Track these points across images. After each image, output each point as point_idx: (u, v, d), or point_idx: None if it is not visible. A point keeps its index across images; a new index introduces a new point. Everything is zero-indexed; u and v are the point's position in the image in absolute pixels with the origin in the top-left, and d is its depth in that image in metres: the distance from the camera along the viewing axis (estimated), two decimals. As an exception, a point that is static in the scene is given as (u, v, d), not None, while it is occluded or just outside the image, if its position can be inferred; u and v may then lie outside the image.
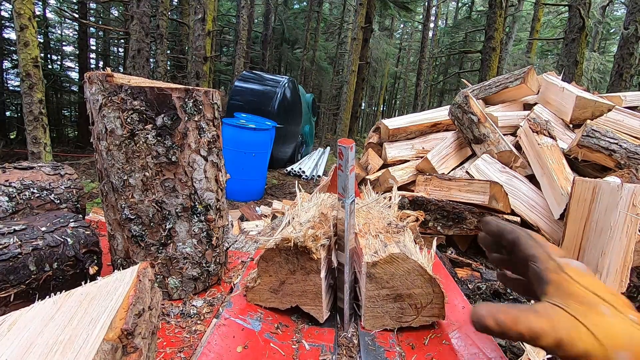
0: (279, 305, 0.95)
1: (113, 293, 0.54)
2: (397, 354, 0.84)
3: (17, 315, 0.52)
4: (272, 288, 0.95)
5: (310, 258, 0.90)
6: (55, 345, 0.46)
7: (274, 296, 0.95)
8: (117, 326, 0.49)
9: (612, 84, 7.68)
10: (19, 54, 5.20)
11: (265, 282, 0.95)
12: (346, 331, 0.94)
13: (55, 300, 0.55)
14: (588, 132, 2.05)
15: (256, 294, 0.96)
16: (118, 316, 0.50)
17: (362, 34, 11.73)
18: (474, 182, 2.01)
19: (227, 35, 20.30)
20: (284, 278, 0.93)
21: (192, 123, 0.92)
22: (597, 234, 1.55)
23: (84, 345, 0.45)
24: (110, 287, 0.56)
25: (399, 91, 33.45)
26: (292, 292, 0.94)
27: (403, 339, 0.90)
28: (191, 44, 8.80)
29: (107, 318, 0.49)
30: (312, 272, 0.90)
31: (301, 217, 1.08)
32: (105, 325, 0.48)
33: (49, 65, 14.97)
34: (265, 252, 0.92)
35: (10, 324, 0.51)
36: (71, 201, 1.20)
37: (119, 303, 0.52)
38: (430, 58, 19.90)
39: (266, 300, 0.96)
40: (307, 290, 0.92)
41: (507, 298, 1.39)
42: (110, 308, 0.51)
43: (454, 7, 26.27)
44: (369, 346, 0.86)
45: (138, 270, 0.59)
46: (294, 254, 0.91)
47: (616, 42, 12.17)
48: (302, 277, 0.92)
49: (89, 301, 0.54)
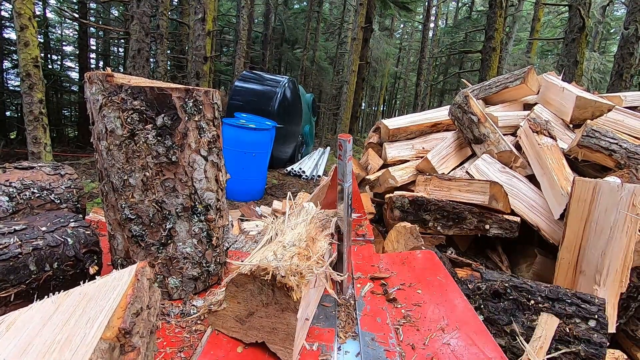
0: (243, 337, 0.81)
1: (111, 292, 0.54)
2: (397, 354, 0.84)
3: (16, 315, 0.52)
4: (239, 317, 0.80)
5: (288, 295, 0.75)
6: (53, 344, 0.46)
7: (239, 326, 0.81)
8: (114, 325, 0.48)
9: (612, 84, 7.67)
10: (19, 54, 5.20)
11: (231, 309, 0.80)
12: (345, 294, 1.10)
13: (54, 300, 0.55)
14: (588, 132, 2.05)
15: (219, 319, 0.81)
16: (116, 315, 0.50)
17: (362, 34, 11.73)
18: (474, 182, 2.01)
19: (227, 35, 20.29)
20: (254, 309, 0.78)
21: (192, 123, 0.92)
22: (597, 234, 1.55)
23: (82, 344, 0.45)
24: (108, 287, 0.56)
25: (399, 91, 33.43)
26: (261, 326, 0.79)
27: (403, 339, 0.90)
28: (191, 44, 8.80)
29: (104, 317, 0.49)
30: (288, 310, 0.75)
31: (286, 236, 0.94)
32: (102, 324, 0.48)
33: (49, 65, 14.96)
34: (237, 276, 0.78)
35: (8, 324, 0.51)
36: (71, 201, 1.20)
37: (116, 302, 0.52)
38: (430, 58, 19.89)
39: (229, 328, 0.81)
40: (279, 328, 0.77)
41: (507, 298, 1.39)
42: (107, 307, 0.51)
43: (454, 7, 26.25)
44: (369, 346, 0.86)
45: (136, 269, 0.59)
46: (269, 285, 0.77)
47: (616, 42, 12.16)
48: (275, 312, 0.77)
49: (87, 300, 0.54)
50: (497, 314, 1.36)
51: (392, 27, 26.76)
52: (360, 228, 1.62)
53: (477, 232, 1.94)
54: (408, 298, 1.12)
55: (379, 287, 1.18)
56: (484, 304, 1.41)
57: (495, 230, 1.92)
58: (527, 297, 1.36)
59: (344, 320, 1.00)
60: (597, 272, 1.52)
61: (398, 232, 1.87)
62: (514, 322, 1.32)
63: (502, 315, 1.35)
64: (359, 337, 0.90)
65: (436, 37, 21.31)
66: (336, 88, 20.20)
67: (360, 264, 1.34)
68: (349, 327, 0.97)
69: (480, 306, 1.41)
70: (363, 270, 1.29)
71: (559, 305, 1.32)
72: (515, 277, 1.51)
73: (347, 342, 0.90)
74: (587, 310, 1.29)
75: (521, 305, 1.35)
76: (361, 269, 1.30)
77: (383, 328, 0.94)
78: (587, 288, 1.54)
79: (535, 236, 1.99)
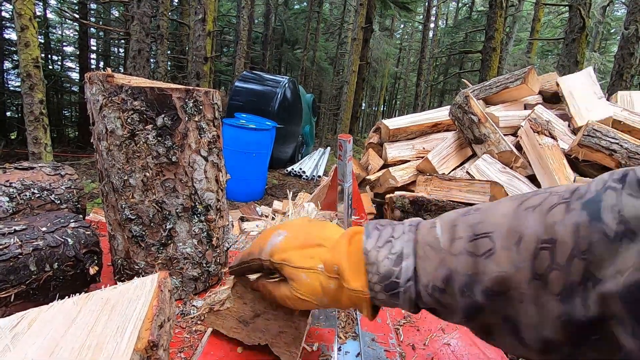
0: (244, 339, 0.77)
1: (136, 302, 0.54)
2: (397, 354, 0.84)
3: (36, 313, 0.52)
4: (243, 318, 0.76)
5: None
6: (83, 349, 0.45)
7: (242, 327, 0.77)
8: (144, 337, 0.48)
9: (613, 84, 7.67)
10: (20, 55, 5.21)
11: (235, 309, 0.76)
12: None
13: (75, 302, 0.54)
14: (589, 131, 2.05)
15: (219, 318, 0.77)
16: (144, 326, 0.49)
17: (363, 34, 11.74)
18: (474, 182, 2.01)
19: (227, 35, 20.32)
20: (261, 311, 0.75)
21: (192, 123, 0.92)
22: (597, 234, 1.55)
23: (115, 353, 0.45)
24: (131, 295, 0.55)
25: (399, 91, 33.46)
26: (266, 328, 0.75)
27: (403, 339, 0.90)
28: (191, 45, 8.81)
29: (134, 327, 0.49)
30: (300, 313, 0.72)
31: None
32: (133, 335, 0.47)
33: (50, 66, 15.00)
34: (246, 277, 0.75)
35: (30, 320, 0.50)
36: (72, 201, 1.20)
37: (143, 313, 0.51)
38: (430, 58, 19.91)
39: (230, 329, 0.77)
40: (286, 332, 0.74)
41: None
42: (135, 317, 0.51)
43: (454, 7, 26.27)
44: (370, 346, 0.86)
45: (159, 280, 0.58)
46: None
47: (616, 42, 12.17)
48: (284, 315, 0.73)
49: (110, 307, 0.53)
50: (497, 314, 1.36)
51: (392, 27, 26.79)
52: (361, 228, 1.62)
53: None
54: (408, 298, 1.12)
55: (379, 288, 1.18)
56: (484, 304, 1.41)
57: (495, 230, 1.92)
58: (528, 297, 1.36)
59: (344, 320, 1.00)
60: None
61: (398, 233, 1.87)
62: (515, 322, 1.31)
63: (503, 316, 1.35)
64: (359, 337, 0.90)
65: (436, 37, 21.33)
66: (336, 88, 20.22)
67: (360, 264, 1.34)
68: (349, 327, 0.97)
69: (481, 306, 1.40)
70: (363, 271, 1.28)
71: (559, 306, 1.31)
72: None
73: (347, 343, 0.90)
74: (588, 311, 1.28)
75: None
76: (361, 269, 1.29)
77: (383, 328, 0.94)
78: (588, 288, 1.54)
79: (536, 236, 1.99)
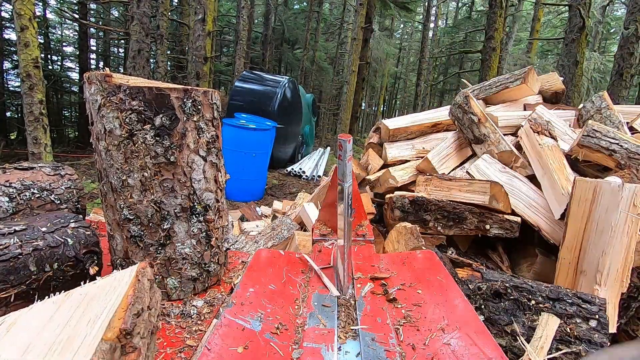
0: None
1: (112, 293, 0.54)
2: (397, 354, 0.84)
3: (17, 315, 0.52)
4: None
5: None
6: (54, 345, 0.46)
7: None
8: (115, 326, 0.48)
9: (613, 84, 7.67)
10: (20, 55, 5.20)
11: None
12: (345, 294, 1.11)
13: (55, 301, 0.55)
14: (589, 131, 2.04)
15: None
16: (117, 316, 0.50)
17: (362, 34, 11.73)
18: (474, 182, 2.01)
19: (227, 35, 20.30)
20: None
21: (190, 123, 0.92)
22: (597, 234, 1.55)
23: (83, 344, 0.45)
24: (109, 287, 0.56)
25: (399, 91, 33.43)
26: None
27: (403, 339, 0.90)
28: (191, 45, 8.80)
29: (105, 318, 0.49)
30: None
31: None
32: (103, 325, 0.48)
33: (50, 66, 14.98)
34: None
35: (9, 324, 0.51)
36: (71, 201, 1.20)
37: (117, 303, 0.52)
38: (430, 58, 19.88)
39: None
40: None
41: (507, 298, 1.39)
42: (108, 308, 0.51)
43: (454, 7, 26.24)
44: (370, 346, 0.86)
45: (137, 270, 0.59)
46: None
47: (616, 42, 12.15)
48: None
49: (87, 301, 0.53)
50: (497, 314, 1.36)
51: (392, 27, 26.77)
52: (361, 228, 1.62)
53: (477, 232, 1.94)
54: (408, 298, 1.12)
55: (379, 287, 1.18)
56: (484, 304, 1.40)
57: (495, 230, 1.92)
58: (528, 297, 1.36)
59: (344, 320, 1.00)
60: (597, 272, 1.52)
61: (398, 232, 1.87)
62: (515, 322, 1.31)
63: (503, 315, 1.35)
64: (359, 337, 0.90)
65: (436, 37, 21.31)
66: (336, 88, 20.20)
67: (360, 264, 1.34)
68: (349, 327, 0.97)
69: (481, 306, 1.40)
70: (363, 271, 1.28)
71: (559, 306, 1.31)
72: (515, 277, 1.50)
73: (347, 342, 0.89)
74: (588, 310, 1.28)
75: (522, 305, 1.35)
76: (361, 269, 1.29)
77: (383, 328, 0.94)
78: (588, 288, 1.54)
79: (536, 236, 1.99)
